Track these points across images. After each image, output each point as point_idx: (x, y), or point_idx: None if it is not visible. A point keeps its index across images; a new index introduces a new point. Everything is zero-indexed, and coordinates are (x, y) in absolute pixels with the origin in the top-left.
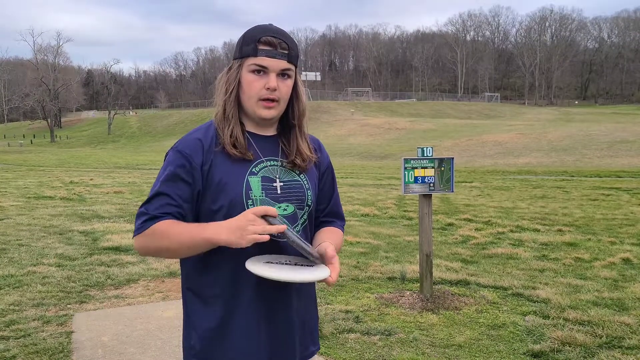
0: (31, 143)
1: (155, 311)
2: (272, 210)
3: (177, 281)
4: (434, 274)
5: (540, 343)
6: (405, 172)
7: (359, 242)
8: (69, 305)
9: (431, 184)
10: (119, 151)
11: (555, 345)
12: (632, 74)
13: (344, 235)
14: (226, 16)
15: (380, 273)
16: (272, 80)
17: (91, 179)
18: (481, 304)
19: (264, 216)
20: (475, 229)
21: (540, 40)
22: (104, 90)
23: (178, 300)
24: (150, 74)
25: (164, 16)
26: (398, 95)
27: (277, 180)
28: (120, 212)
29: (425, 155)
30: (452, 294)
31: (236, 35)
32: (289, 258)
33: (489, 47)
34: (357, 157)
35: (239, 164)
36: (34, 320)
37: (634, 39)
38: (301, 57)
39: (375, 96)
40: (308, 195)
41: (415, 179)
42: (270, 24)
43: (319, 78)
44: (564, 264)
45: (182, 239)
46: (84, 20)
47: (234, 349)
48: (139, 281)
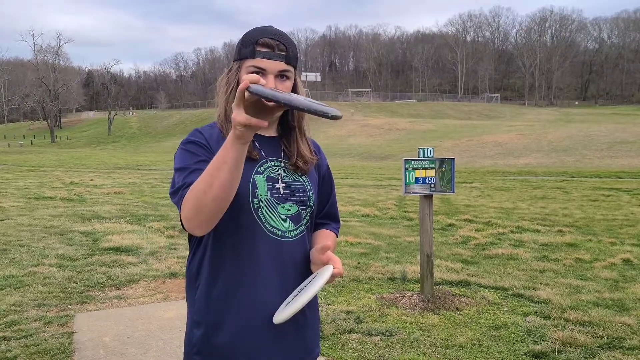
0: (31, 143)
1: (157, 312)
2: (253, 77)
3: (178, 282)
4: (434, 275)
5: (541, 343)
6: (406, 173)
7: (359, 243)
8: (70, 306)
9: (432, 185)
10: (119, 152)
11: (556, 346)
12: (632, 75)
13: (339, 235)
14: (226, 16)
15: (381, 274)
16: (270, 81)
17: (91, 180)
18: (482, 305)
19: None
20: (475, 230)
21: (540, 40)
22: (104, 91)
23: (179, 301)
24: (150, 74)
25: (164, 16)
26: (398, 96)
27: (280, 180)
28: (121, 213)
29: (426, 156)
30: (453, 295)
31: (236, 35)
32: (298, 287)
33: (489, 48)
34: (357, 158)
35: (246, 163)
36: (35, 320)
37: (634, 40)
38: (301, 58)
39: (376, 97)
40: (310, 196)
41: (416, 180)
42: (270, 26)
43: (319, 79)
44: (565, 264)
45: (212, 167)
46: (84, 21)
47: (237, 347)
48: (140, 282)
